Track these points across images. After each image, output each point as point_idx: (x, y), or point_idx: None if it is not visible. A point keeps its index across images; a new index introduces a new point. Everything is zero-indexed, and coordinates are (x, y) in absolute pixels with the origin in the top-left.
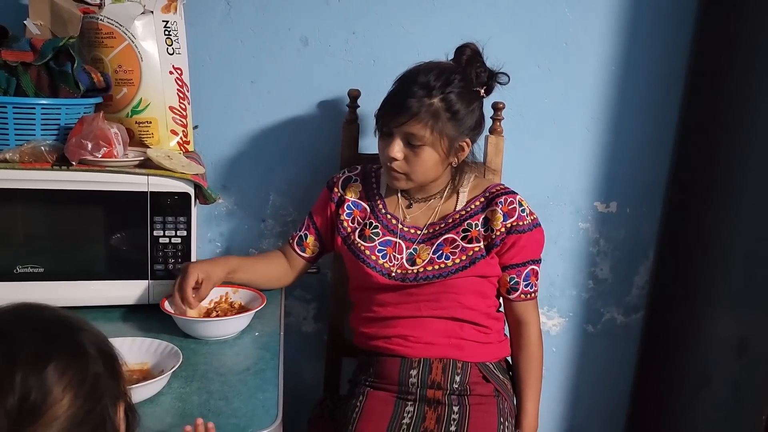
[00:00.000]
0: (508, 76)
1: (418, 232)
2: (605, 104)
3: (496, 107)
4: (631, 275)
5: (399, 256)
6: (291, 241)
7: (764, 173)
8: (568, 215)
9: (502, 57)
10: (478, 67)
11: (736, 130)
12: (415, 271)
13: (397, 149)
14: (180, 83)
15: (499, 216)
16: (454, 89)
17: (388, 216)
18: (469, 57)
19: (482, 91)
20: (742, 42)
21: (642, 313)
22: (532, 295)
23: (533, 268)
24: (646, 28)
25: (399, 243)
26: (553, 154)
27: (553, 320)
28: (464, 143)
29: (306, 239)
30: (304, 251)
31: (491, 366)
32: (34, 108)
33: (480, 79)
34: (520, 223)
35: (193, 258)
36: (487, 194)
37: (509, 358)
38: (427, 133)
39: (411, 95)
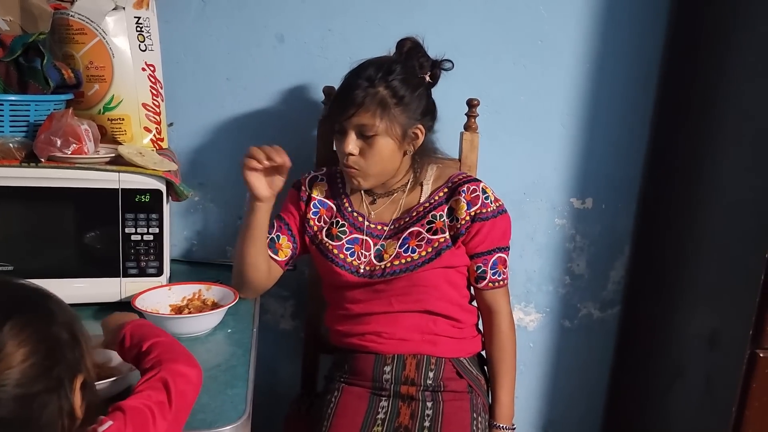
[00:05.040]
0: (452, 63)
1: (384, 228)
2: (580, 101)
3: (471, 104)
4: (607, 270)
5: (367, 253)
6: None
7: (736, 169)
8: (544, 211)
9: (478, 54)
10: (420, 57)
11: (710, 127)
12: (382, 266)
13: (352, 144)
14: (153, 80)
15: (463, 205)
16: (396, 77)
17: (354, 214)
18: (409, 48)
19: (427, 77)
20: (716, 40)
21: (618, 307)
22: (501, 283)
23: (500, 256)
24: (620, 26)
25: (366, 240)
26: (528, 150)
27: (530, 316)
28: (417, 130)
29: (279, 240)
30: (276, 254)
31: (465, 362)
32: (3, 104)
33: (423, 68)
34: (484, 211)
35: (166, 256)
36: (450, 184)
37: (483, 353)
38: (377, 121)
39: (356, 87)
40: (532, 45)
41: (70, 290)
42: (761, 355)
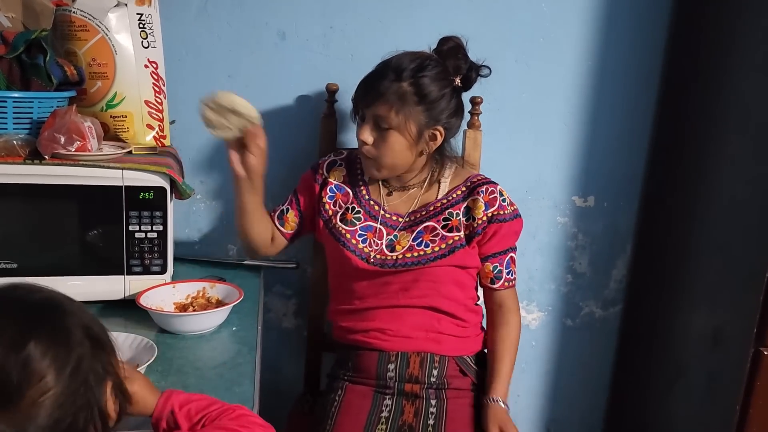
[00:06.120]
0: (490, 69)
1: (400, 219)
2: (582, 99)
3: (474, 102)
4: (609, 269)
5: (379, 242)
6: (272, 214)
7: (738, 167)
8: (546, 210)
9: (480, 52)
10: (458, 59)
11: (711, 125)
12: (394, 257)
13: (367, 132)
14: (155, 77)
15: (481, 205)
16: (426, 74)
17: (371, 202)
18: (450, 48)
19: (458, 80)
20: (717, 37)
21: (620, 306)
22: (513, 282)
23: (512, 256)
24: (622, 24)
25: (380, 229)
26: (531, 148)
27: (532, 314)
28: (436, 131)
29: (287, 213)
30: (283, 225)
31: (468, 360)
32: (6, 101)
33: (459, 70)
34: (501, 213)
35: (170, 254)
36: (469, 183)
37: (486, 351)
38: (393, 115)
39: (382, 78)
40: (533, 42)
41: (73, 288)
42: (766, 353)
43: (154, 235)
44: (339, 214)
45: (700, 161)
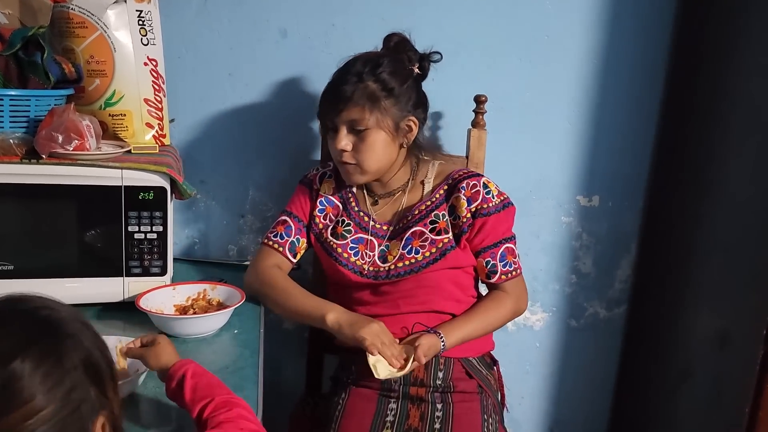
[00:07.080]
0: (440, 54)
1: (389, 228)
2: (587, 98)
3: (479, 100)
4: (613, 269)
5: (371, 254)
6: (280, 249)
7: (743, 167)
8: (550, 209)
9: (483, 50)
10: (408, 51)
11: (716, 125)
12: (386, 268)
13: (344, 140)
14: (155, 75)
15: (463, 202)
16: (384, 69)
17: (360, 213)
18: (396, 43)
19: (416, 69)
20: (722, 36)
21: (625, 306)
22: (514, 273)
23: (508, 247)
24: (626, 22)
25: (371, 240)
26: (535, 147)
27: (536, 315)
28: (411, 122)
29: (299, 244)
30: (295, 256)
31: (474, 361)
32: (3, 99)
33: (411, 61)
34: (485, 206)
35: (170, 255)
36: (450, 180)
37: (493, 353)
38: (367, 115)
39: (345, 83)
40: (537, 41)
41: (71, 290)
42: None
43: (154, 236)
44: (330, 228)
45: (704, 161)
